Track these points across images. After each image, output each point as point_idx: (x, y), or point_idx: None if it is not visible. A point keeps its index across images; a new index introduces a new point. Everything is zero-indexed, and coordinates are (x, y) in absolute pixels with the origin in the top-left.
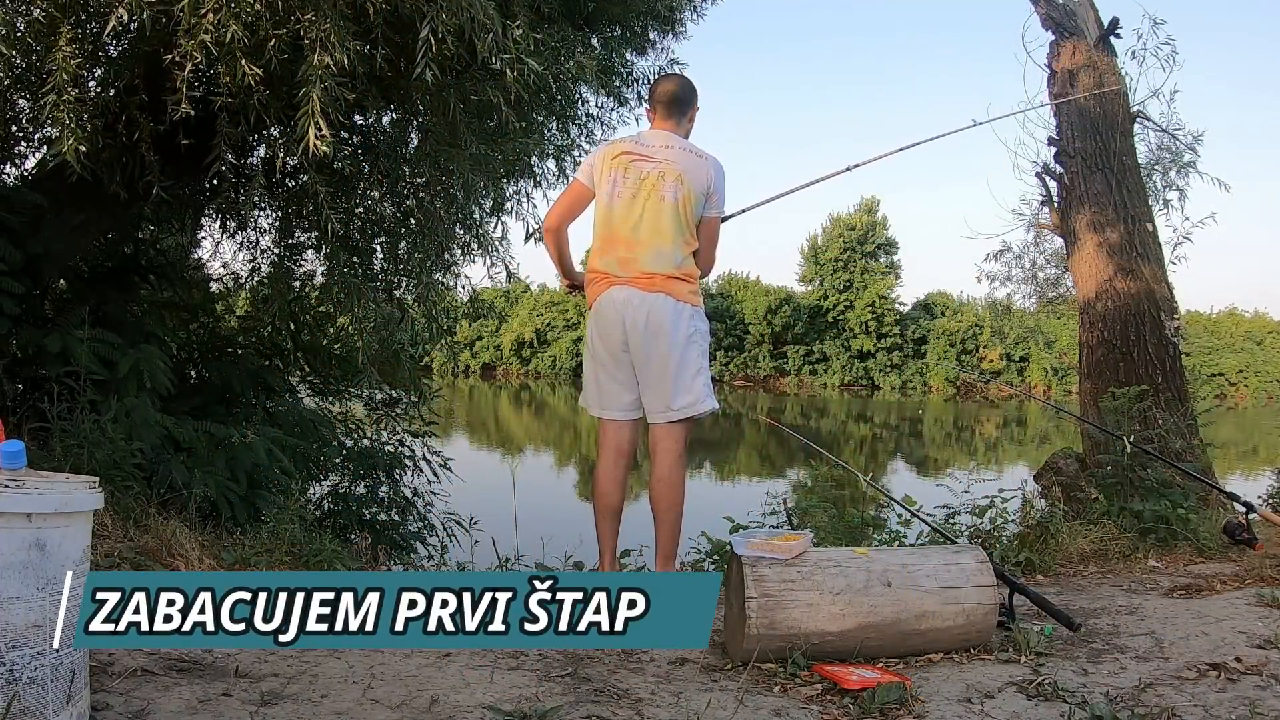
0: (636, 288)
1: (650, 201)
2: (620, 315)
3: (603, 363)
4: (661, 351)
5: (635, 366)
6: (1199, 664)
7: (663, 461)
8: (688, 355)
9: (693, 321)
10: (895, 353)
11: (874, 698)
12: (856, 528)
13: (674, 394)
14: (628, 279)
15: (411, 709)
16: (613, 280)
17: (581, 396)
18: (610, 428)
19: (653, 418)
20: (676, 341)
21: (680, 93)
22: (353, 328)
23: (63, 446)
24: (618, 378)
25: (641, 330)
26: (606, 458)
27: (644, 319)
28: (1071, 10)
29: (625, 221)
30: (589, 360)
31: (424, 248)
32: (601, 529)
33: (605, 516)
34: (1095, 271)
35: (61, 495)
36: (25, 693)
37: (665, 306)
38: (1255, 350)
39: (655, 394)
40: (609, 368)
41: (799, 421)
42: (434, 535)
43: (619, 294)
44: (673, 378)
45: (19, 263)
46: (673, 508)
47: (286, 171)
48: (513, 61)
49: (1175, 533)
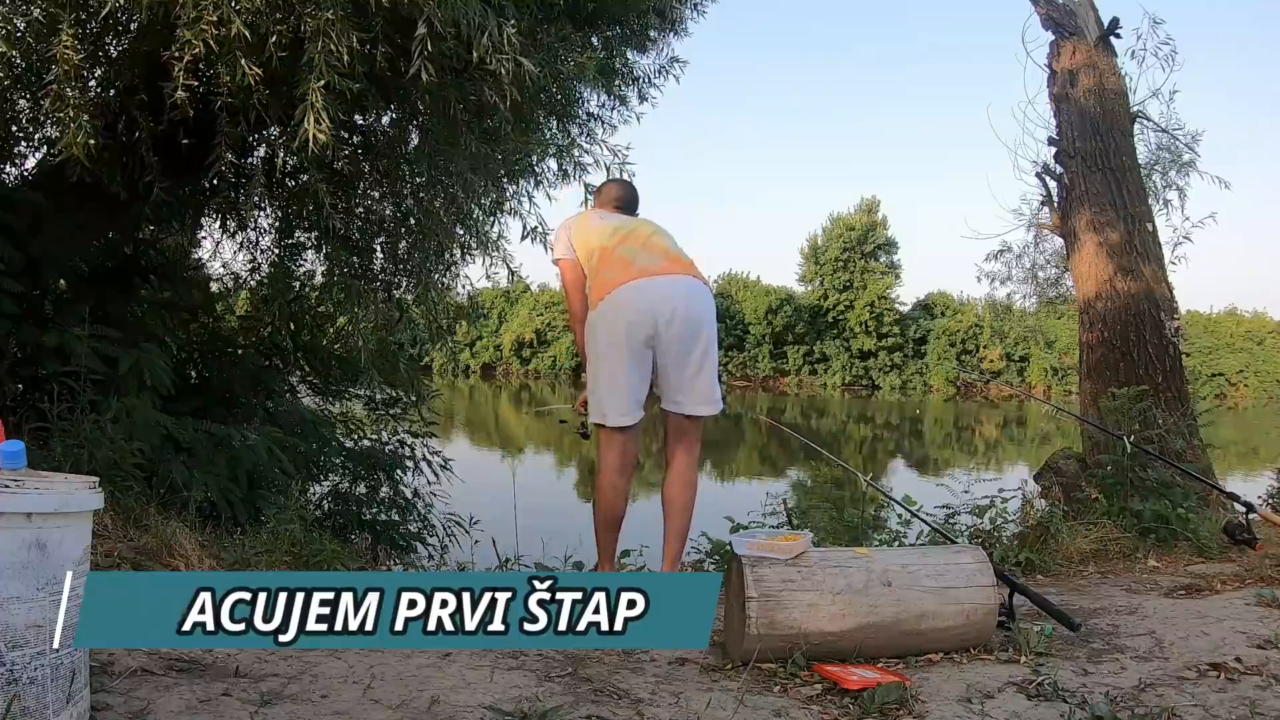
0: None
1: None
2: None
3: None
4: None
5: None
6: (1199, 664)
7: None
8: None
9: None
10: (895, 353)
11: (874, 698)
12: (856, 528)
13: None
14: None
15: (411, 709)
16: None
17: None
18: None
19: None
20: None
21: (630, 197)
22: (352, 328)
23: (63, 446)
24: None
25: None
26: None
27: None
28: (1071, 10)
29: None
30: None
31: (424, 248)
32: (604, 538)
33: (610, 527)
34: (1095, 271)
35: (61, 495)
36: (25, 693)
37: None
38: (1255, 350)
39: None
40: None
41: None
42: (434, 535)
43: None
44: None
45: (19, 263)
46: (689, 509)
47: (286, 171)
48: (508, 62)
49: (1175, 533)
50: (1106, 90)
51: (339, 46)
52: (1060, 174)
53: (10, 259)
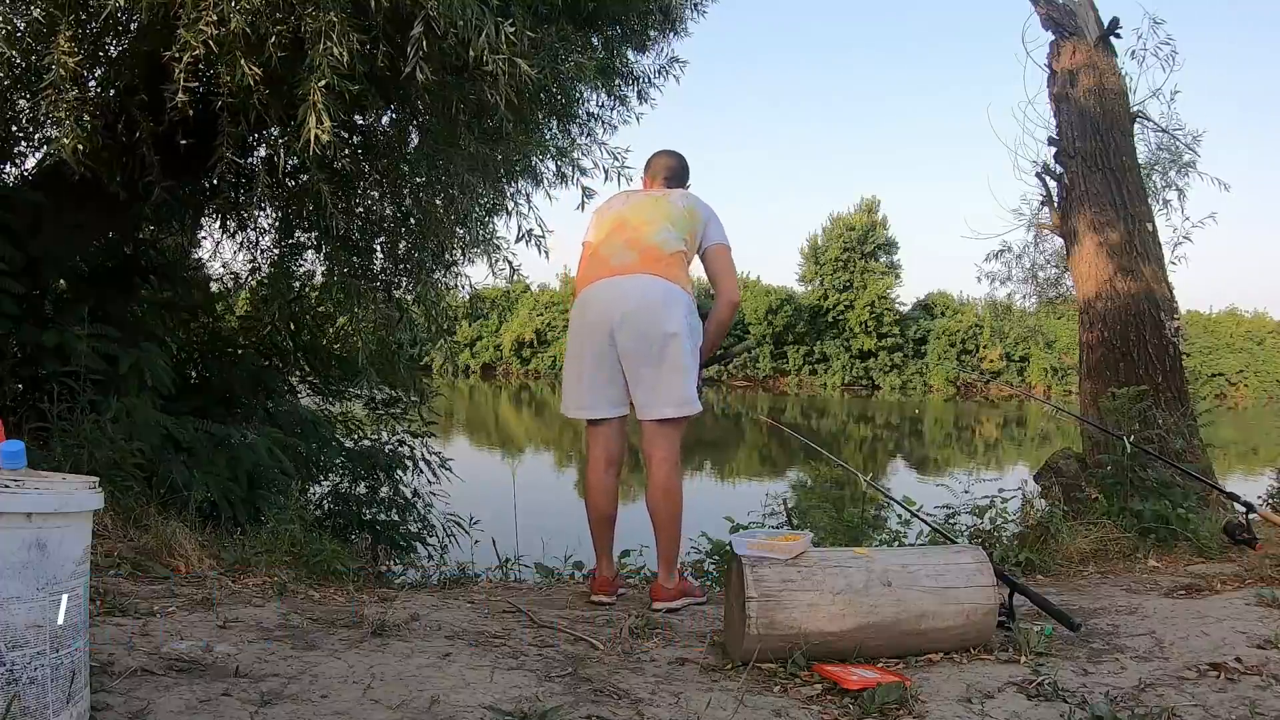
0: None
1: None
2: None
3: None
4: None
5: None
6: (1199, 664)
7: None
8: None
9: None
10: (895, 353)
11: (874, 698)
12: (856, 528)
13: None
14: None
15: (411, 709)
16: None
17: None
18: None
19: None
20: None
21: (679, 167)
22: (352, 328)
23: (63, 446)
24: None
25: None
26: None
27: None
28: (1071, 10)
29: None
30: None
31: (423, 248)
32: (595, 535)
33: (600, 525)
34: (1095, 271)
35: (61, 495)
36: (25, 693)
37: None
38: (1255, 350)
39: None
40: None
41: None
42: (434, 535)
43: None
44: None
45: (19, 263)
46: (673, 519)
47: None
48: (504, 63)
49: (1175, 533)
50: (1106, 90)
51: (339, 47)
52: (1060, 174)
53: (10, 259)
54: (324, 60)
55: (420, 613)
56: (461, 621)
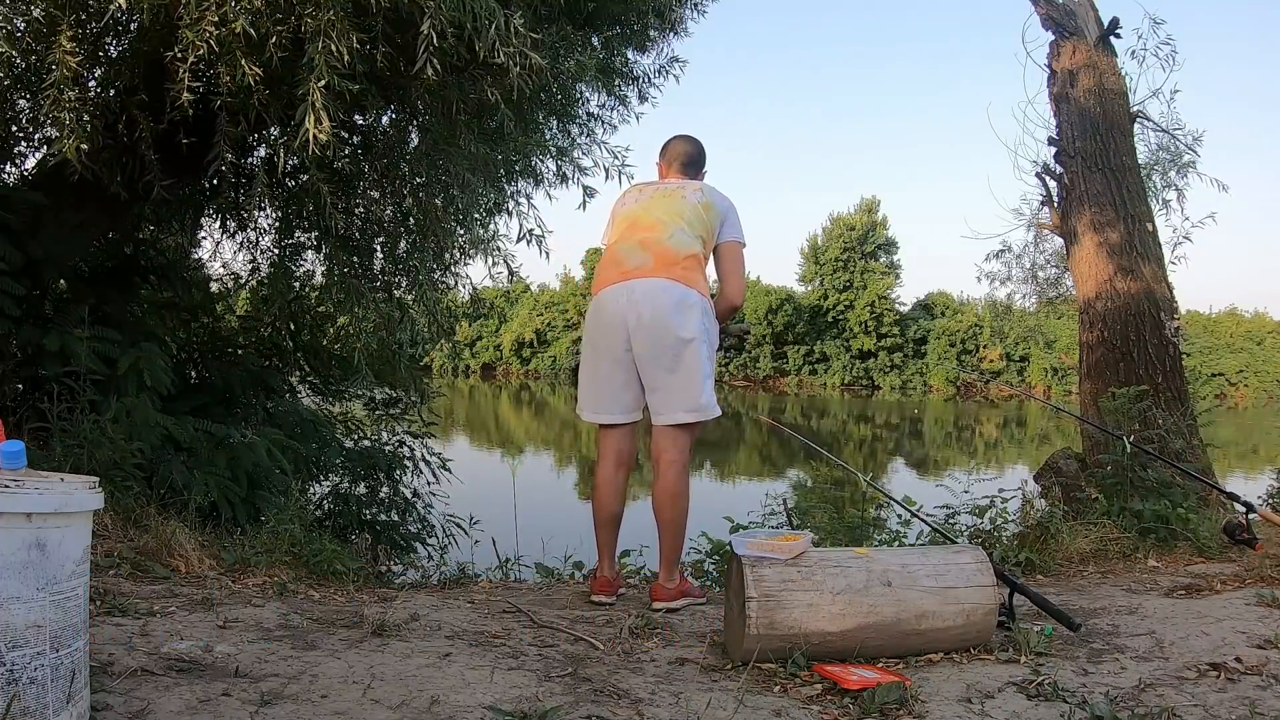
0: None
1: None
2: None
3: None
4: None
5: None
6: (1199, 664)
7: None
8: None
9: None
10: (895, 353)
11: (874, 698)
12: (856, 528)
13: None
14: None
15: (411, 709)
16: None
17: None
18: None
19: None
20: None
21: (695, 153)
22: (352, 328)
23: (63, 446)
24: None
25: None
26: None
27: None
28: (1071, 10)
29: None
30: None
31: (423, 248)
32: (600, 535)
33: (605, 524)
34: (1095, 271)
35: (61, 495)
36: (25, 693)
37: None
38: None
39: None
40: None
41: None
42: (434, 536)
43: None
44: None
45: (19, 263)
46: (676, 523)
47: (286, 171)
48: (516, 54)
49: (1175, 533)
50: (1106, 90)
51: (339, 46)
52: (1060, 174)
53: (10, 259)
54: (323, 59)
55: (420, 613)
56: (461, 621)
